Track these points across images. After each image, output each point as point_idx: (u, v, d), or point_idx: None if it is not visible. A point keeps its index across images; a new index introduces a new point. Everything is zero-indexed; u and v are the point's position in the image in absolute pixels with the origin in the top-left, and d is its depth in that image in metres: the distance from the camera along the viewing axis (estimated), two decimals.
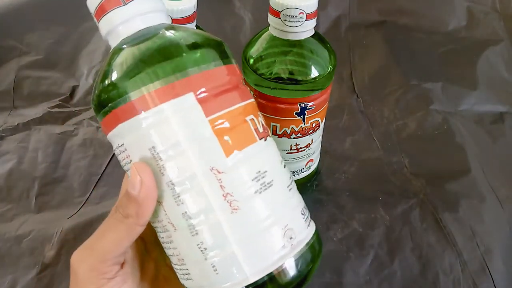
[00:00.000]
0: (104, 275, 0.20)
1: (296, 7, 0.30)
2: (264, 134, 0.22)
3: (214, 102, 0.20)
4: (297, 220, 0.21)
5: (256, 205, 0.20)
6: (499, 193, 0.42)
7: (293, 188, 0.22)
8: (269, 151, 0.22)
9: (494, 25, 0.58)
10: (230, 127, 0.20)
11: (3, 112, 0.50)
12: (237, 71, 0.22)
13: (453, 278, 0.35)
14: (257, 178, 0.20)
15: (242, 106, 0.21)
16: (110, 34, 0.22)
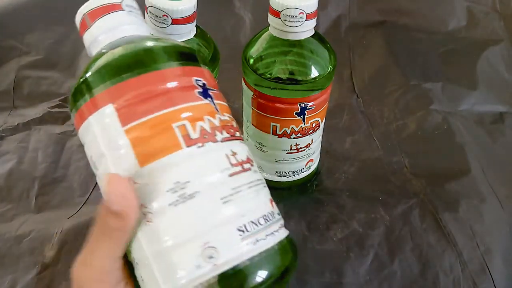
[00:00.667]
0: (112, 280, 0.20)
1: (296, 7, 0.30)
2: (200, 140, 0.20)
3: (133, 111, 0.19)
4: (226, 238, 0.19)
5: (169, 219, 0.19)
6: (499, 193, 0.42)
7: (236, 200, 0.19)
8: (203, 159, 0.19)
9: (494, 25, 0.58)
10: (149, 135, 0.19)
11: (3, 112, 0.50)
12: (171, 75, 0.21)
13: (453, 278, 0.35)
14: (174, 189, 0.19)
15: (168, 113, 0.20)
16: (90, 52, 0.23)
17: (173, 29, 0.30)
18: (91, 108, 0.20)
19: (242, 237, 0.19)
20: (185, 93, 0.21)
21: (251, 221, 0.19)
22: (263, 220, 0.20)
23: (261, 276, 0.19)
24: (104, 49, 0.22)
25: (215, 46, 0.34)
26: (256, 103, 0.35)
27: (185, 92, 0.21)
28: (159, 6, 0.29)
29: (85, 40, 0.23)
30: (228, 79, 0.44)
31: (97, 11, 0.22)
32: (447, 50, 0.56)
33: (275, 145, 0.37)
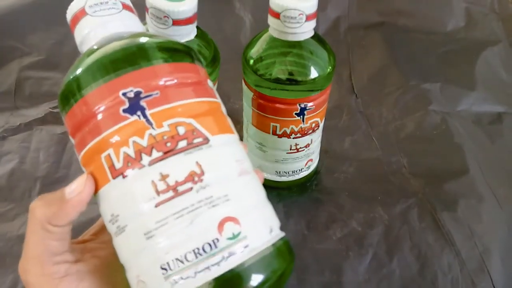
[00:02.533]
0: (53, 276, 0.20)
1: (295, 8, 0.30)
2: (123, 169, 0.18)
3: (77, 142, 0.20)
4: (152, 275, 0.18)
5: (116, 246, 0.19)
6: (497, 193, 0.42)
7: (156, 236, 0.17)
8: (128, 190, 0.18)
9: (492, 26, 0.58)
10: (89, 166, 0.19)
11: (5, 112, 0.50)
12: (97, 97, 0.18)
13: (451, 278, 0.35)
14: (112, 221, 0.19)
15: (94, 144, 0.18)
16: (81, 49, 0.23)
17: (174, 30, 0.30)
18: (67, 125, 0.20)
19: (164, 276, 0.17)
20: (111, 114, 0.18)
21: (176, 259, 0.17)
22: (192, 256, 0.17)
23: None
24: (101, 42, 0.20)
25: (215, 47, 0.34)
26: (256, 104, 0.35)
27: (111, 113, 0.18)
28: (160, 7, 0.29)
29: (77, 34, 0.22)
30: (228, 80, 0.45)
31: (88, 7, 0.21)
32: (445, 51, 0.56)
33: (275, 145, 0.37)
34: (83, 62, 0.19)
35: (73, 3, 0.21)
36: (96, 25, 0.21)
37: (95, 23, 0.21)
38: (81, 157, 0.20)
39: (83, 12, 0.21)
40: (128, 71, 0.18)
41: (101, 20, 0.21)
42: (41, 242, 0.20)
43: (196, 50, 0.27)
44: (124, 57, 0.19)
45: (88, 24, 0.21)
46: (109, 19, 0.21)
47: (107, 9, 0.21)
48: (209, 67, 0.33)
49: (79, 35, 0.21)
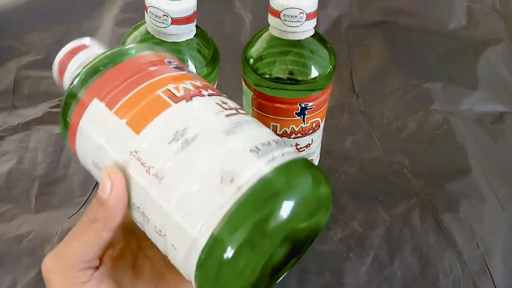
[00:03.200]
0: (76, 280, 0.20)
1: (296, 7, 0.30)
2: (186, 96, 0.20)
3: (115, 95, 0.21)
4: (241, 159, 0.18)
5: (179, 165, 0.19)
6: (499, 193, 0.41)
7: (239, 130, 0.19)
8: (194, 109, 0.20)
9: (494, 25, 0.58)
10: (138, 106, 0.20)
11: (3, 112, 0.50)
12: (147, 59, 0.22)
13: (453, 279, 0.35)
14: (175, 138, 0.19)
15: (150, 83, 0.21)
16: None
17: (173, 29, 0.30)
18: (78, 115, 0.21)
19: (257, 155, 0.18)
20: (161, 67, 0.22)
21: (261, 143, 0.19)
22: (273, 142, 0.20)
23: (294, 188, 0.18)
24: (77, 71, 0.23)
25: (215, 46, 0.34)
26: (256, 103, 0.35)
27: (161, 67, 0.22)
28: (159, 6, 0.29)
29: (66, 78, 0.24)
30: (228, 79, 0.44)
31: (71, 52, 0.24)
32: (447, 50, 0.56)
33: None
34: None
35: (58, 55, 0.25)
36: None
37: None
38: (121, 104, 0.20)
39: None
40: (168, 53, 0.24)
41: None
42: (86, 248, 0.20)
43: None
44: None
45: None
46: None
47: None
48: (208, 66, 0.32)
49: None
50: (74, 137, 0.22)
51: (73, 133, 0.22)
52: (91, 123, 0.21)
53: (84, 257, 0.20)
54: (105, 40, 0.56)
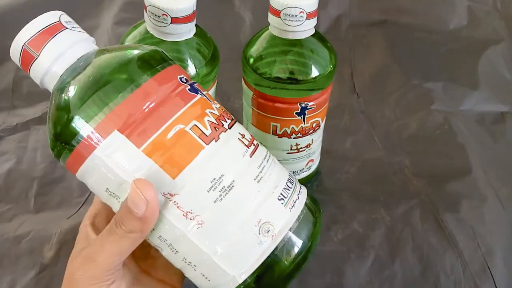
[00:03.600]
0: (105, 282, 0.21)
1: (296, 6, 0.30)
2: (214, 134, 0.20)
3: (143, 129, 0.19)
4: (273, 210, 0.21)
5: (220, 214, 0.20)
6: (500, 194, 0.41)
7: (266, 174, 0.21)
8: (224, 150, 0.20)
9: (495, 25, 0.57)
10: (169, 146, 0.19)
11: (2, 112, 0.49)
12: (164, 80, 0.20)
13: (454, 279, 0.35)
14: (214, 186, 0.20)
15: (177, 117, 0.20)
16: (43, 84, 0.22)
17: (173, 28, 0.30)
18: (91, 143, 0.19)
19: (283, 204, 0.21)
20: (180, 94, 0.20)
21: (284, 188, 0.21)
22: (290, 183, 0.22)
23: (305, 233, 0.21)
24: (66, 78, 0.20)
25: (214, 46, 0.34)
26: (256, 103, 0.35)
27: (180, 94, 0.20)
28: (159, 5, 0.29)
29: (35, 72, 0.21)
30: (228, 79, 0.44)
31: (39, 37, 0.20)
32: (448, 50, 0.56)
33: (275, 145, 0.37)
34: (133, 49, 0.21)
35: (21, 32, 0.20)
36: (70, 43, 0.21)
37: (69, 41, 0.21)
38: (151, 143, 0.19)
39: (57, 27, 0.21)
40: (173, 62, 0.22)
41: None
42: (121, 255, 0.21)
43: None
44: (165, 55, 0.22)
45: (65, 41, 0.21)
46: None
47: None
48: (208, 66, 0.32)
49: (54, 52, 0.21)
50: (79, 162, 0.20)
51: (80, 158, 0.20)
52: (112, 156, 0.19)
53: (119, 262, 0.21)
54: (104, 39, 0.55)
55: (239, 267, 0.20)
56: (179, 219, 0.20)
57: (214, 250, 0.20)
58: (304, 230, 0.21)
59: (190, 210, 0.20)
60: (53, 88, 0.21)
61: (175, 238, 0.20)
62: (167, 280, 0.25)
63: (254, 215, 0.20)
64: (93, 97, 0.19)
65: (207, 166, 0.20)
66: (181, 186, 0.19)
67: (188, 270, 0.21)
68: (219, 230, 0.20)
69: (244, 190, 0.20)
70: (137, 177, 0.19)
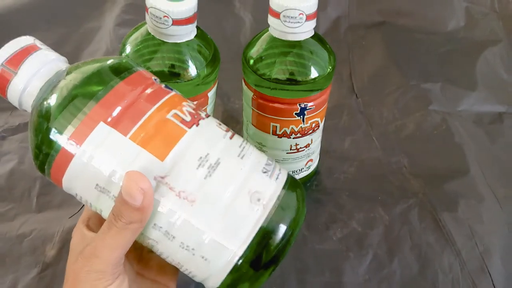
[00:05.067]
0: (112, 276, 0.21)
1: (296, 8, 0.30)
2: (193, 121, 0.22)
3: (127, 118, 0.21)
4: (260, 181, 0.22)
5: (211, 189, 0.21)
6: (497, 193, 0.42)
7: (247, 153, 0.23)
8: (205, 133, 0.22)
9: (493, 26, 0.58)
10: (154, 132, 0.21)
11: (4, 112, 0.50)
12: (143, 77, 0.22)
13: (452, 278, 0.35)
14: (201, 164, 0.21)
15: (158, 107, 0.21)
16: (21, 104, 0.22)
17: (174, 30, 0.30)
18: (77, 139, 0.20)
19: (268, 176, 0.22)
20: (157, 90, 0.22)
21: (265, 164, 0.23)
22: (270, 161, 0.24)
23: (291, 203, 0.22)
24: (45, 91, 0.21)
25: (215, 47, 0.34)
26: (256, 104, 0.35)
27: (157, 89, 0.22)
28: (160, 7, 0.29)
29: (12, 91, 0.22)
30: (228, 80, 0.45)
31: (16, 57, 0.22)
32: (446, 51, 0.56)
33: (275, 145, 0.37)
34: (109, 59, 0.23)
35: None
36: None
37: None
38: (136, 130, 0.21)
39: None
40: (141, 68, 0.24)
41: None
42: (124, 248, 0.21)
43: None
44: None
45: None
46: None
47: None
48: (208, 67, 0.33)
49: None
50: (65, 166, 0.21)
51: (66, 160, 0.20)
52: (99, 148, 0.20)
53: (122, 255, 0.21)
54: (106, 41, 0.56)
55: (238, 239, 0.21)
56: (173, 200, 0.20)
57: (212, 226, 0.21)
58: (291, 199, 0.23)
59: (182, 189, 0.20)
60: (32, 106, 0.22)
61: (170, 222, 0.21)
62: (161, 280, 0.26)
63: (244, 186, 0.21)
64: (72, 102, 0.20)
65: (192, 146, 0.21)
66: (170, 167, 0.20)
67: (186, 259, 0.21)
68: (213, 205, 0.21)
69: (230, 165, 0.22)
70: (126, 165, 0.20)
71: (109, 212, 0.21)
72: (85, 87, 0.21)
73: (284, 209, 0.22)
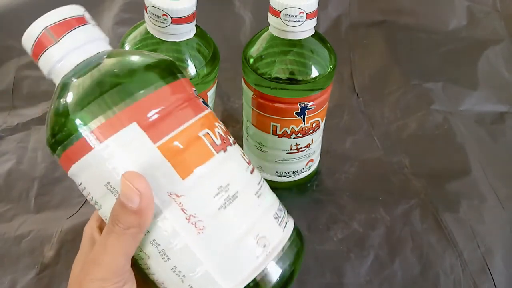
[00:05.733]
0: (116, 284, 0.21)
1: (296, 6, 0.30)
2: (223, 145, 0.21)
3: (161, 126, 0.19)
4: (270, 226, 0.21)
5: (222, 222, 0.20)
6: (499, 193, 0.41)
7: (263, 193, 0.22)
8: (231, 162, 0.21)
9: (494, 25, 0.57)
10: (183, 148, 0.20)
11: (3, 112, 0.49)
12: (185, 87, 0.21)
13: (453, 279, 0.35)
14: (220, 193, 0.20)
15: (193, 123, 0.20)
16: (51, 73, 0.21)
17: (173, 29, 0.30)
18: (106, 130, 0.19)
19: (278, 223, 0.22)
20: (196, 104, 0.21)
21: (278, 208, 0.22)
22: (281, 206, 0.23)
23: (293, 255, 0.22)
24: (82, 69, 0.20)
25: (215, 46, 0.34)
26: (256, 103, 0.35)
27: (195, 103, 0.21)
28: (159, 6, 0.29)
29: (47, 58, 0.21)
30: (228, 79, 0.44)
31: (62, 25, 0.20)
32: (447, 50, 0.56)
33: (275, 145, 0.37)
34: (156, 55, 0.22)
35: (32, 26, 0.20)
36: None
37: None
38: (167, 140, 0.19)
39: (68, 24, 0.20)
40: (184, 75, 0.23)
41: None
42: (125, 254, 0.20)
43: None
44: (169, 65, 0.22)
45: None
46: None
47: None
48: (208, 66, 0.32)
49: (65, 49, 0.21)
50: (83, 152, 0.20)
51: (85, 148, 0.19)
52: (124, 147, 0.19)
53: (126, 262, 0.20)
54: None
55: (232, 280, 0.20)
56: (181, 222, 0.20)
57: (211, 259, 0.20)
58: (292, 253, 0.22)
59: (193, 213, 0.20)
60: (61, 80, 0.21)
61: (171, 243, 0.20)
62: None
63: (254, 228, 0.20)
64: (110, 92, 0.19)
65: (216, 173, 0.20)
66: (188, 188, 0.20)
67: (172, 283, 0.21)
68: (219, 239, 0.20)
69: (246, 201, 0.21)
70: (145, 173, 0.19)
71: (108, 210, 0.20)
72: (127, 80, 0.20)
73: (284, 263, 0.21)
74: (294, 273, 0.22)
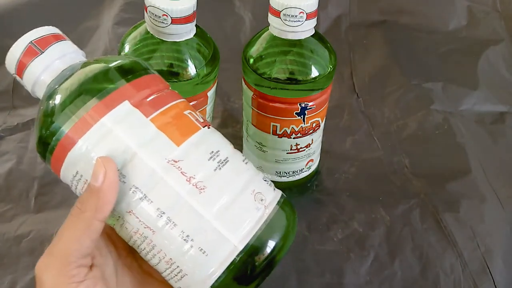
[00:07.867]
0: (73, 279, 0.20)
1: (296, 6, 0.30)
2: (206, 123, 0.24)
3: (148, 105, 0.22)
4: (262, 185, 0.23)
5: (219, 181, 0.22)
6: (499, 193, 0.41)
7: (249, 162, 0.24)
8: (215, 135, 0.24)
9: (494, 25, 0.57)
10: (172, 121, 0.22)
11: (3, 112, 0.49)
12: (160, 79, 0.24)
13: (453, 279, 0.35)
14: (212, 157, 0.22)
15: (175, 104, 0.23)
16: (35, 85, 0.23)
17: (173, 29, 0.30)
18: (100, 111, 0.21)
19: (268, 184, 0.24)
20: (173, 92, 0.24)
21: (265, 175, 0.25)
22: (266, 177, 0.25)
23: (288, 212, 0.24)
24: (67, 71, 0.23)
25: (215, 46, 0.34)
26: (256, 103, 0.35)
27: (173, 92, 0.24)
28: (159, 6, 0.29)
29: (36, 66, 0.23)
30: (228, 79, 0.44)
31: (46, 39, 0.23)
32: (447, 50, 0.56)
33: (275, 145, 0.37)
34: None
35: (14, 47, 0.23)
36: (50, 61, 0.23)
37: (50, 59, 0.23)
38: (158, 114, 0.22)
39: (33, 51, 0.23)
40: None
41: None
42: (77, 240, 0.20)
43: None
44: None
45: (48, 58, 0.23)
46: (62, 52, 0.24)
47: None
48: (208, 66, 0.32)
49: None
50: (82, 130, 0.21)
51: (85, 126, 0.21)
52: (120, 123, 0.21)
53: (77, 250, 0.20)
54: (104, 39, 0.56)
55: (239, 232, 0.21)
56: (183, 184, 0.21)
57: (216, 215, 0.21)
58: (288, 210, 0.24)
59: (193, 175, 0.21)
60: (42, 96, 0.23)
61: (176, 207, 0.21)
62: None
63: (248, 185, 0.22)
64: (108, 72, 0.22)
65: (205, 141, 0.23)
66: (184, 153, 0.21)
67: (181, 252, 0.21)
68: (220, 195, 0.21)
69: (237, 165, 0.23)
70: (143, 144, 0.21)
71: None
72: (129, 65, 0.23)
73: (282, 215, 0.23)
74: (291, 232, 0.23)
